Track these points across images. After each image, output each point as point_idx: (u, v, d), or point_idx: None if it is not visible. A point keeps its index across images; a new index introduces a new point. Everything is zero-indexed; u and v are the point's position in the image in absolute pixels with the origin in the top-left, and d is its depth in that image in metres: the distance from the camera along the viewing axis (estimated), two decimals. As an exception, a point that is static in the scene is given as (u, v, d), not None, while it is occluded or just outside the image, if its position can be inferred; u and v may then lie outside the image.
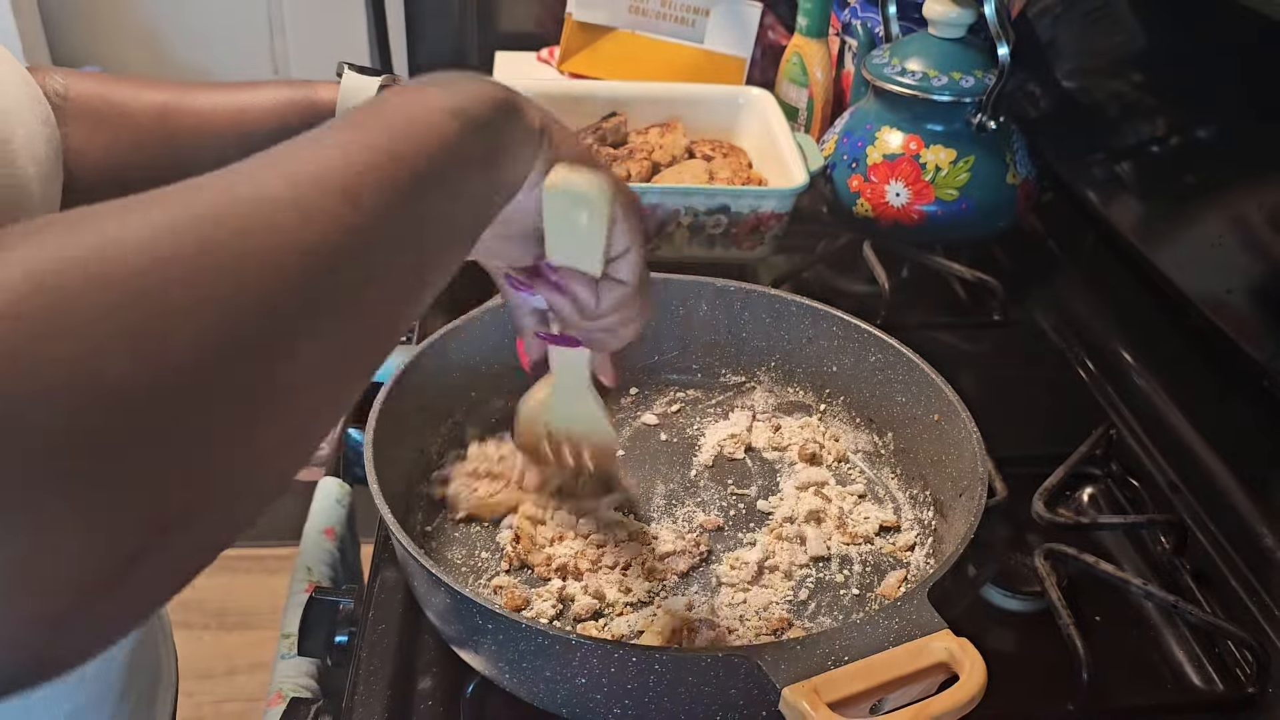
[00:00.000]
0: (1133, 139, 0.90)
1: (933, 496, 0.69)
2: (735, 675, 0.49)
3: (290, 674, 0.74)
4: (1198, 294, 0.79)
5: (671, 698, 0.51)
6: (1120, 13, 0.92)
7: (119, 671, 0.64)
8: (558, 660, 0.52)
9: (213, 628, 1.79)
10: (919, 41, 0.99)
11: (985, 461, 0.63)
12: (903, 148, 0.98)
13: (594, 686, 0.52)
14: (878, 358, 0.74)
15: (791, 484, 0.73)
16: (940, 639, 0.49)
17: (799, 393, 0.81)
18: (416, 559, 0.54)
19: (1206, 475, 0.79)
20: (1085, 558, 0.69)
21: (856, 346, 0.76)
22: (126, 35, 3.22)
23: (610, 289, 0.52)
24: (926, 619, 0.50)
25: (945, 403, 0.68)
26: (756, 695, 0.49)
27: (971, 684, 0.47)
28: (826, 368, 0.78)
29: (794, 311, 0.78)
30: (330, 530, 0.88)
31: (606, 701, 0.53)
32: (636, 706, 0.52)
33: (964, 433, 0.65)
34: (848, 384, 0.77)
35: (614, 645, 0.51)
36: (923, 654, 0.48)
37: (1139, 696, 0.66)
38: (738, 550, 0.68)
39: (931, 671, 0.48)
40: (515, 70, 1.37)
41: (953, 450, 0.67)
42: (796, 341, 0.79)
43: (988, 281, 1.00)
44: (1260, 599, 0.70)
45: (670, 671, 0.51)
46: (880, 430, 0.76)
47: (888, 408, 0.74)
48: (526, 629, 0.51)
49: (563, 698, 0.54)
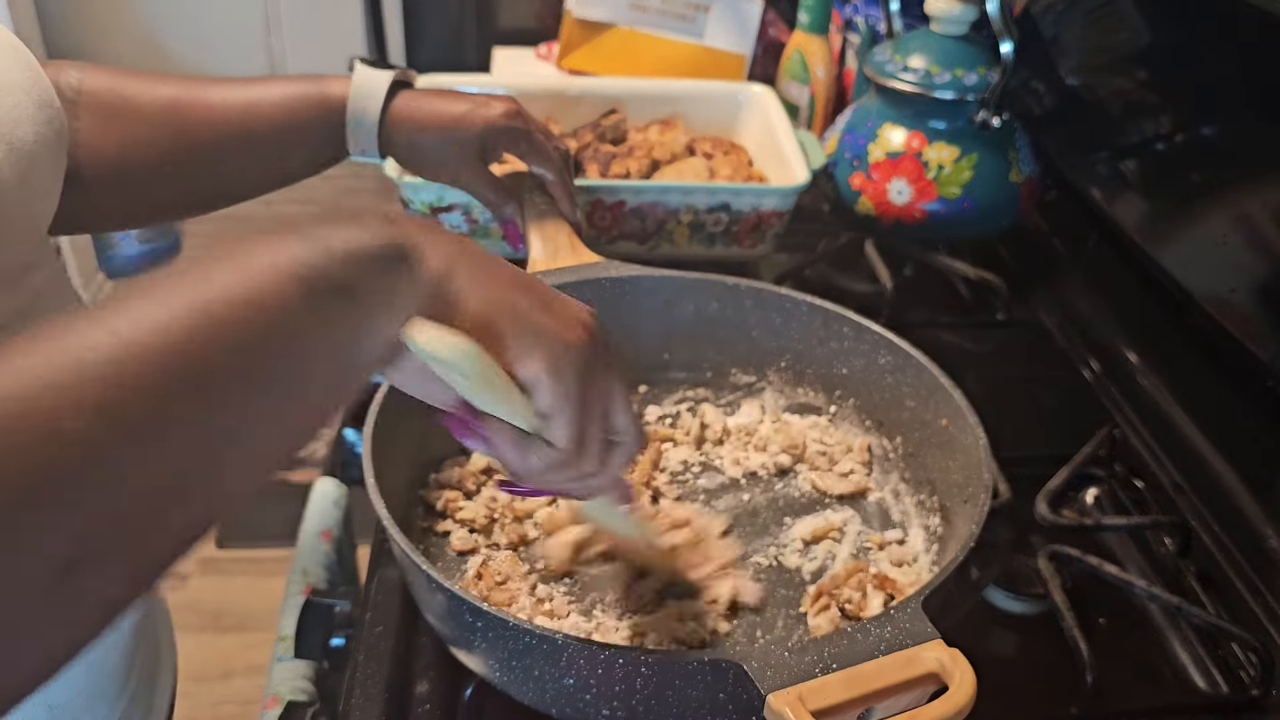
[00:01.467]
0: (1137, 137, 0.90)
1: (939, 502, 0.68)
2: (723, 680, 0.49)
3: (287, 677, 0.73)
4: (1202, 293, 0.78)
5: (659, 700, 0.51)
6: (1124, 10, 0.92)
7: (119, 660, 0.63)
8: (545, 660, 0.52)
9: (209, 630, 1.79)
10: (921, 38, 0.98)
11: (991, 468, 0.62)
12: (905, 145, 0.97)
13: (582, 687, 0.52)
14: (888, 360, 0.73)
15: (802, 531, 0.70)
16: (931, 649, 0.48)
17: (809, 394, 0.80)
18: (409, 555, 0.53)
19: (1211, 476, 0.78)
20: (1089, 559, 0.69)
21: (868, 349, 0.75)
22: (122, 33, 3.21)
23: (539, 449, 0.45)
24: (919, 628, 0.49)
25: (954, 408, 0.67)
26: (745, 700, 0.48)
27: (960, 695, 0.46)
28: (837, 369, 0.77)
29: (805, 312, 0.77)
30: (327, 532, 0.88)
31: (595, 702, 0.52)
32: (625, 709, 0.52)
33: (971, 439, 0.64)
34: (858, 386, 0.77)
35: (600, 646, 0.50)
36: (913, 664, 0.47)
37: (1143, 699, 0.66)
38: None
39: (921, 681, 0.47)
40: (514, 66, 1.36)
41: (960, 456, 0.66)
42: (807, 342, 0.78)
43: (991, 280, 0.99)
44: (1265, 600, 0.70)
45: (657, 674, 0.50)
46: (889, 434, 0.75)
47: (897, 411, 0.74)
48: (514, 628, 0.51)
49: (551, 697, 0.54)
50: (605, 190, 0.92)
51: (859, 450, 0.75)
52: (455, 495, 0.69)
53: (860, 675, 0.47)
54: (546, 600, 0.63)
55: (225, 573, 1.89)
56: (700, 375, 0.82)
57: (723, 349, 0.81)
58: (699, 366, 0.82)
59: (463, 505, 0.69)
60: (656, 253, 0.96)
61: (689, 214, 0.94)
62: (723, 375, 0.82)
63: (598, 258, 0.78)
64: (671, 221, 0.94)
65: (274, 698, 0.71)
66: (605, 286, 0.77)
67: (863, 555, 0.68)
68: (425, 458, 0.71)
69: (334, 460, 0.92)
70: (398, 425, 0.66)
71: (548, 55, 1.36)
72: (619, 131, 1.06)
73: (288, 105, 0.69)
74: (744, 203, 0.94)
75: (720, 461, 0.76)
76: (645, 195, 0.93)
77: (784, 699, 0.45)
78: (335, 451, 0.91)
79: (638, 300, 0.79)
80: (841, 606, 0.63)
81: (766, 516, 0.71)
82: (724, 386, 0.82)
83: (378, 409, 0.63)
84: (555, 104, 1.09)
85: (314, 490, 0.91)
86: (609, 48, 1.29)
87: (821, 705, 0.45)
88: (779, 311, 0.78)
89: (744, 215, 0.95)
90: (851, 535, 0.70)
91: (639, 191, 0.93)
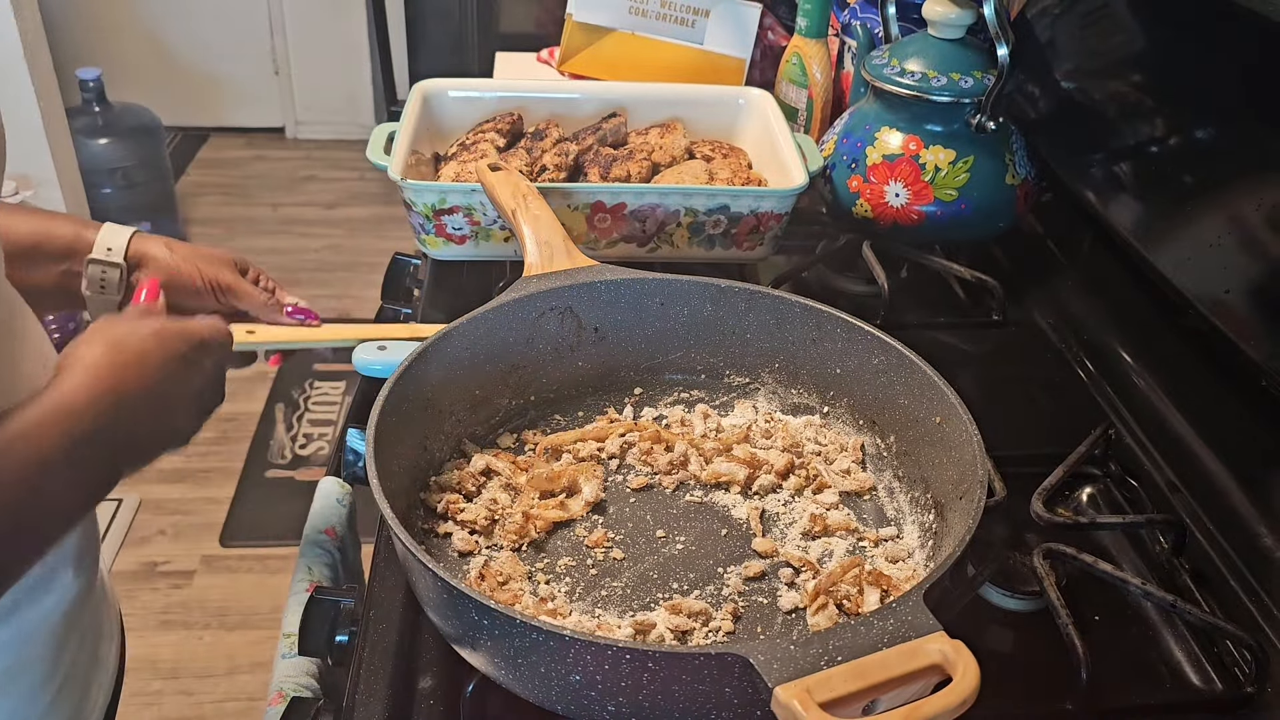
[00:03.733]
0: (1131, 139, 0.91)
1: (934, 499, 0.69)
2: (729, 674, 0.49)
3: (291, 673, 0.74)
4: (1196, 294, 0.79)
5: (666, 695, 0.51)
6: (1119, 14, 0.92)
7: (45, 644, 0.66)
8: (551, 657, 0.52)
9: (214, 627, 1.80)
10: (918, 42, 0.99)
11: (985, 464, 0.63)
12: (902, 148, 0.98)
13: (588, 684, 0.52)
14: (880, 360, 0.74)
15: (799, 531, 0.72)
16: (934, 641, 0.49)
17: (803, 394, 0.81)
18: (414, 553, 0.54)
19: (1205, 475, 0.79)
20: (1084, 557, 0.69)
21: (860, 349, 0.76)
22: (127, 36, 3.22)
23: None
24: (921, 621, 0.50)
25: (947, 405, 0.68)
26: (751, 694, 0.48)
27: (964, 686, 0.46)
28: (830, 370, 0.78)
29: (798, 313, 0.78)
30: (331, 530, 0.88)
31: (601, 699, 0.53)
32: (630, 704, 0.52)
33: (965, 435, 0.65)
34: (851, 386, 0.77)
35: (607, 643, 0.51)
36: (917, 655, 0.48)
37: (1138, 696, 0.66)
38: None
39: (925, 673, 0.48)
40: (516, 71, 1.37)
41: (954, 453, 0.67)
42: (801, 343, 0.79)
43: (987, 281, 1.00)
44: (1259, 598, 0.71)
45: (664, 669, 0.50)
46: (883, 432, 0.76)
47: (890, 410, 0.74)
48: (521, 625, 0.51)
49: (557, 694, 0.54)
50: (606, 193, 0.93)
51: (853, 449, 0.76)
52: (455, 498, 0.70)
53: (866, 667, 0.47)
54: (549, 600, 0.64)
55: (230, 570, 1.90)
56: (695, 377, 0.83)
57: (717, 351, 0.82)
58: (694, 369, 0.83)
59: (464, 507, 0.70)
60: (656, 255, 0.97)
61: (689, 216, 0.95)
62: (717, 377, 0.83)
63: (592, 262, 0.79)
64: (671, 224, 0.95)
65: (279, 694, 0.72)
66: (601, 290, 0.78)
67: (858, 552, 0.69)
68: (426, 460, 0.72)
69: (338, 460, 0.93)
70: (400, 427, 0.67)
71: (549, 60, 1.37)
72: (619, 135, 1.07)
73: (33, 238, 0.73)
74: (743, 205, 0.95)
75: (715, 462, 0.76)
76: (645, 198, 0.94)
77: (791, 691, 0.46)
78: (339, 451, 0.92)
79: (633, 303, 0.80)
80: (839, 603, 0.63)
81: (766, 515, 0.72)
82: (719, 388, 0.83)
83: (380, 410, 0.64)
84: (556, 108, 1.10)
85: (318, 489, 0.92)
86: (609, 52, 1.30)
87: (828, 697, 0.46)
88: (773, 313, 0.79)
89: (743, 218, 0.95)
90: (847, 532, 0.70)
91: (639, 194, 0.94)
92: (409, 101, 1.06)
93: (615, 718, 0.53)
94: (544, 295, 0.77)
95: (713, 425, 0.79)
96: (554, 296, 0.77)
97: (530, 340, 0.78)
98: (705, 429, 0.79)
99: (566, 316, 0.79)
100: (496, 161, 0.91)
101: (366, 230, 2.94)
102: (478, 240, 0.96)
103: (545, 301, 0.77)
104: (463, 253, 0.97)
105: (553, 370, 0.80)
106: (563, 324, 0.79)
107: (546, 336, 0.78)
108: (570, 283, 0.77)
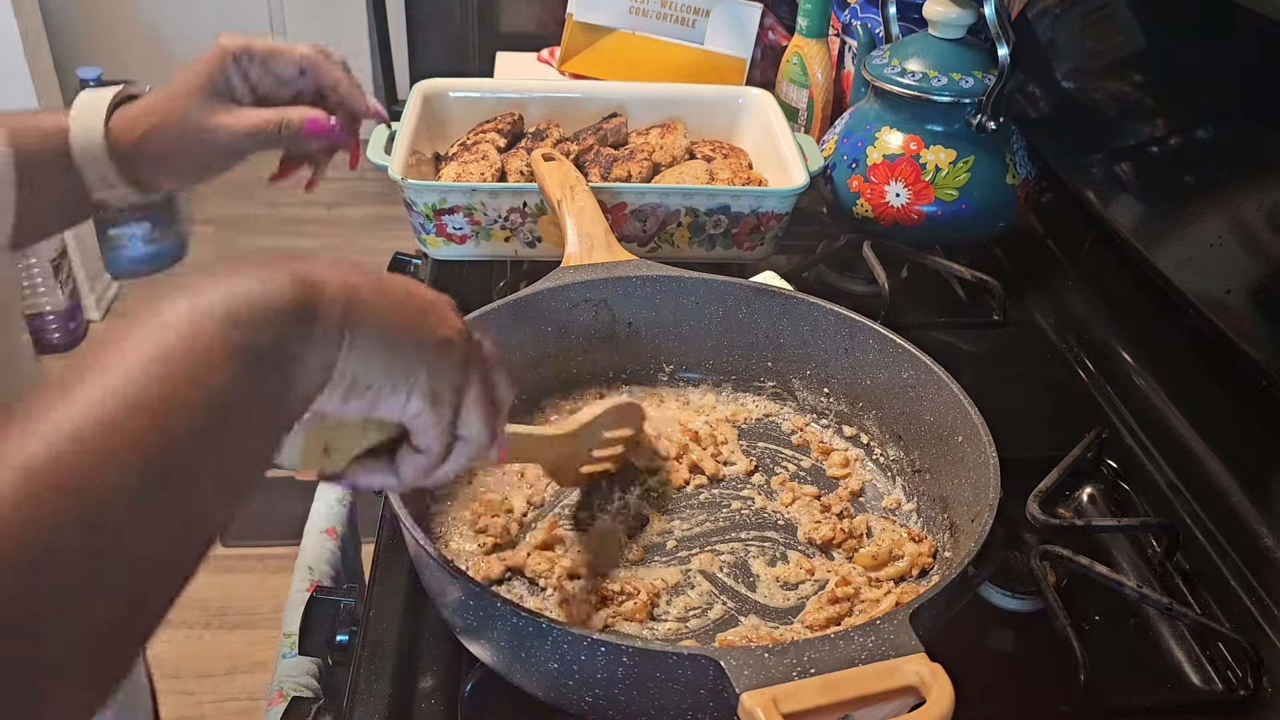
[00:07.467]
0: (1132, 139, 0.91)
1: (950, 520, 0.69)
2: (703, 675, 0.49)
3: (291, 673, 0.74)
4: (1196, 294, 0.79)
5: (640, 691, 0.52)
6: (1119, 13, 0.92)
7: None
8: (531, 642, 0.53)
9: (214, 627, 1.80)
10: (919, 42, 0.99)
11: (998, 490, 0.62)
12: (902, 148, 0.98)
13: (565, 673, 0.52)
14: (910, 374, 0.74)
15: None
16: (913, 662, 0.48)
17: (831, 402, 0.80)
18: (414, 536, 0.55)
19: (1205, 475, 0.79)
20: (1080, 559, 0.69)
21: (891, 362, 0.75)
22: (127, 35, 3.22)
23: (409, 461, 0.47)
24: (903, 640, 0.49)
25: (970, 426, 0.67)
26: (725, 698, 0.48)
27: (936, 711, 0.45)
28: (861, 381, 0.78)
29: (832, 321, 0.78)
30: (331, 530, 0.88)
31: (578, 689, 0.53)
32: (607, 697, 0.52)
33: (983, 457, 0.64)
34: (880, 399, 0.77)
35: (582, 633, 0.51)
36: (892, 675, 0.47)
37: (1136, 696, 0.67)
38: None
39: (900, 694, 0.47)
40: (516, 71, 1.37)
41: (971, 474, 0.66)
42: (833, 352, 0.79)
43: (987, 281, 1.00)
44: (1259, 598, 0.71)
45: (638, 665, 0.51)
46: (908, 448, 0.75)
47: (916, 426, 0.74)
48: (501, 608, 0.52)
49: (537, 680, 0.55)
50: (607, 193, 0.93)
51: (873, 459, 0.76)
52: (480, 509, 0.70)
53: (837, 682, 0.47)
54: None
55: (230, 570, 1.90)
56: (724, 377, 0.83)
57: (749, 353, 0.82)
58: (723, 369, 0.83)
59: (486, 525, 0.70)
60: (657, 255, 0.97)
61: (689, 216, 0.95)
62: (746, 379, 0.83)
63: (632, 256, 0.80)
64: (672, 224, 0.95)
65: (279, 693, 0.72)
66: (637, 285, 0.78)
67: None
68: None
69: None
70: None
71: (549, 60, 1.37)
72: (620, 135, 1.07)
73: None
74: (743, 205, 0.95)
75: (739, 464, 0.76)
76: (646, 198, 0.94)
77: (757, 699, 0.45)
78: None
79: (668, 300, 0.80)
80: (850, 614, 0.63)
81: (782, 519, 0.72)
82: (747, 389, 0.83)
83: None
84: (557, 108, 1.10)
85: (319, 489, 0.92)
86: (610, 52, 1.30)
87: (794, 709, 0.45)
88: (807, 320, 0.79)
89: (743, 217, 0.95)
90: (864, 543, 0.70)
91: (640, 194, 0.94)
92: (409, 101, 1.06)
93: (594, 709, 0.54)
94: (580, 286, 0.77)
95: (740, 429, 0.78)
96: (590, 288, 0.78)
97: (563, 330, 0.78)
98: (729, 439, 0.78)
99: (601, 309, 0.79)
100: (551, 152, 0.91)
101: (367, 230, 2.94)
102: (478, 240, 0.96)
103: (580, 293, 0.77)
104: (463, 252, 0.97)
105: (582, 361, 0.80)
106: (597, 316, 0.79)
107: (579, 328, 0.78)
108: (607, 275, 0.78)
